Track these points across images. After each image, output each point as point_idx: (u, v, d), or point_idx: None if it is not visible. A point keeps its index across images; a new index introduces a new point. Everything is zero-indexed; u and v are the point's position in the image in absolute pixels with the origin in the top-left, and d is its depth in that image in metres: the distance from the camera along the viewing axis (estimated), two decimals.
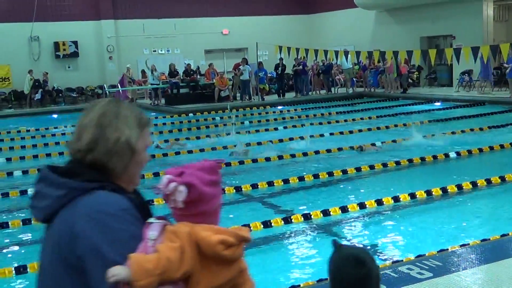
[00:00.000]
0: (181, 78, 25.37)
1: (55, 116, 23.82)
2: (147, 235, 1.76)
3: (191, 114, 20.91)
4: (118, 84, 25.95)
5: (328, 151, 12.47)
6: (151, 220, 1.82)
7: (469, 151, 11.55)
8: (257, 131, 16.48)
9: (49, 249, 1.83)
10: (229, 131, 15.79)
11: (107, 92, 26.68)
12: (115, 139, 1.85)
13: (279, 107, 22.55)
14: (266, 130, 16.65)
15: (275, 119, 19.24)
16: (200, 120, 19.76)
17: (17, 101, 26.88)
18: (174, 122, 19.92)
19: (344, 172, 10.35)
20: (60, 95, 27.60)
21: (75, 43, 28.22)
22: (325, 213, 7.78)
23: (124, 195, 1.84)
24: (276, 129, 16.76)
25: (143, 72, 26.78)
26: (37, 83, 26.26)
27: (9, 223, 7.99)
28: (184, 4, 30.05)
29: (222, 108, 21.39)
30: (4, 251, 7.27)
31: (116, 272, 1.64)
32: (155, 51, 29.91)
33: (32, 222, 7.92)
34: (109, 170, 1.86)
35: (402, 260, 5.61)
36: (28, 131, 18.55)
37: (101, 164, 1.84)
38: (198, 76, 26.42)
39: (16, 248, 7.35)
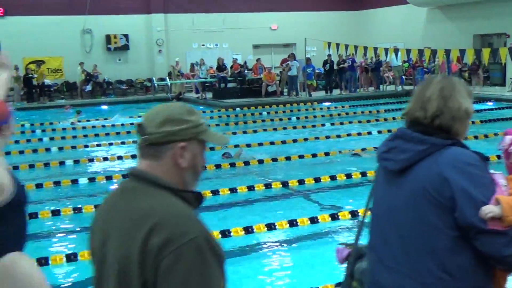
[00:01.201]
0: (229, 72, 25.48)
1: (104, 107, 24.24)
2: (499, 182, 2.22)
3: (238, 109, 20.99)
4: (167, 77, 26.26)
5: (376, 149, 12.31)
6: (491, 171, 2.26)
7: None
8: (304, 127, 16.42)
9: (406, 192, 2.25)
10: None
11: (155, 85, 27.05)
12: (457, 108, 2.28)
13: (326, 104, 22.40)
14: (313, 126, 16.59)
15: (322, 116, 19.14)
16: (247, 114, 19.81)
17: (69, 92, 27.51)
18: (221, 116, 20.03)
19: None
20: (110, 87, 28.11)
21: (126, 36, 28.67)
22: (353, 214, 7.70)
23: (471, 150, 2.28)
24: (323, 125, 16.67)
25: (191, 65, 27.02)
26: (88, 76, 26.82)
27: (61, 210, 8.18)
28: None
29: (269, 103, 21.44)
30: (56, 238, 7.45)
31: (491, 209, 2.09)
32: (203, 45, 30.12)
33: (83, 210, 8.12)
34: (452, 131, 2.30)
35: None
36: (79, 121, 18.94)
37: (447, 127, 2.29)
38: (246, 71, 26.48)
39: (66, 235, 7.52)
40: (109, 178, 10.27)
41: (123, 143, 14.14)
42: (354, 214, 7.56)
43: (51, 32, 26.91)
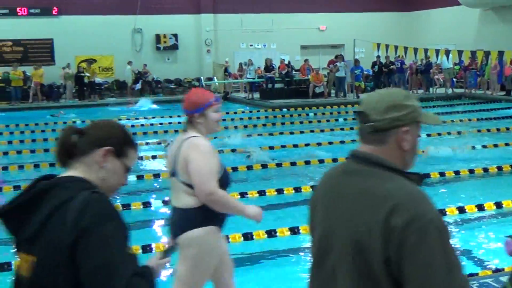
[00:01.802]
0: (277, 73, 25.47)
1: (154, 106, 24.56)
2: None
3: (284, 109, 20.95)
4: (214, 77, 26.45)
5: (423, 151, 12.12)
6: None
7: None
8: (351, 128, 16.25)
9: None
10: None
11: (203, 84, 27.24)
12: None
13: None
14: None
15: None
16: (294, 115, 19.75)
17: (119, 90, 27.99)
18: (267, 116, 20.04)
19: (442, 174, 10.03)
20: (159, 86, 28.49)
21: (175, 36, 29.00)
22: None
23: None
24: None
25: (239, 65, 27.13)
26: (138, 75, 27.30)
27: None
28: (282, 0, 30.14)
29: (316, 104, 21.35)
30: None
31: None
32: (251, 45, 30.21)
33: (131, 207, 8.24)
34: None
35: (503, 269, 5.37)
36: (128, 119, 19.25)
37: None
38: (293, 72, 26.44)
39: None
40: (156, 175, 10.38)
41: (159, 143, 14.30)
42: None
43: (103, 31, 27.45)
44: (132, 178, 10.30)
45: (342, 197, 1.99)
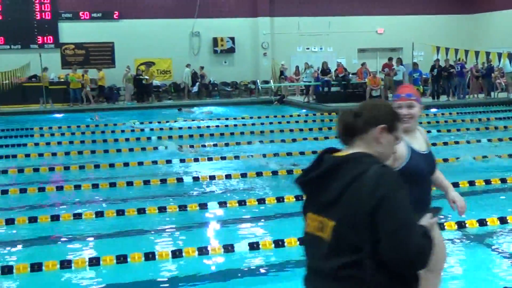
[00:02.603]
0: (333, 76, 25.31)
1: (208, 108, 24.80)
2: None
3: None
4: (271, 80, 26.48)
5: (485, 157, 11.81)
6: None
7: None
8: None
9: None
10: None
11: (259, 87, 27.34)
12: None
13: (433, 110, 21.69)
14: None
15: (428, 122, 18.55)
16: None
17: (176, 92, 28.40)
18: (324, 120, 19.92)
19: (503, 181, 9.72)
20: (216, 88, 28.76)
21: (232, 39, 29.21)
22: (481, 222, 7.35)
23: None
24: (429, 131, 16.14)
25: (296, 68, 27.10)
26: (197, 78, 27.71)
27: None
28: (339, 2, 29.97)
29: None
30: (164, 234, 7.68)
31: None
32: (308, 48, 30.13)
33: (187, 208, 8.34)
34: None
35: None
36: (185, 121, 19.52)
37: None
38: (350, 75, 26.22)
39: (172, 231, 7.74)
40: (212, 178, 10.48)
41: (226, 144, 14.40)
42: (482, 223, 7.26)
43: (162, 34, 27.93)
44: (188, 179, 10.45)
45: None
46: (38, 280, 5.91)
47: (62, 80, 25.97)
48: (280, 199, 8.70)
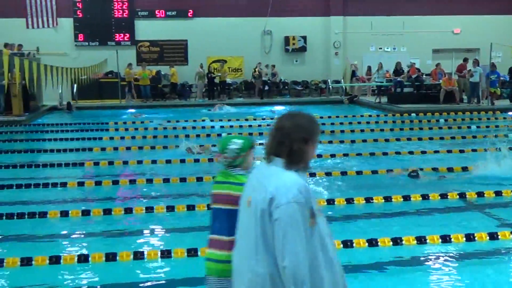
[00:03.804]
0: (406, 77, 24.82)
1: (277, 107, 24.82)
2: None
3: (413, 114, 20.35)
4: (342, 80, 26.27)
5: None
6: None
7: None
8: (484, 137, 15.47)
9: None
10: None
11: (330, 87, 27.16)
12: None
13: (511, 113, 20.95)
14: (495, 136, 15.56)
15: (506, 126, 17.91)
16: (423, 121, 19.13)
17: (247, 91, 28.60)
18: (395, 121, 19.59)
19: None
20: (286, 87, 28.78)
21: (304, 38, 29.15)
22: None
23: None
24: (506, 136, 15.59)
25: (368, 68, 26.77)
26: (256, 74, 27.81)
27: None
28: (414, 1, 29.36)
29: (447, 110, 20.59)
30: None
31: None
32: (381, 48, 29.69)
33: None
34: None
35: None
36: (254, 119, 19.63)
37: None
38: (424, 76, 25.65)
39: None
40: None
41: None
42: None
43: (234, 33, 28.20)
44: None
45: None
46: (113, 270, 6.10)
47: (137, 76, 26.64)
48: (350, 201, 8.63)
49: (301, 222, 2.73)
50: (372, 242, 6.65)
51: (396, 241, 6.69)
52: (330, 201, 8.59)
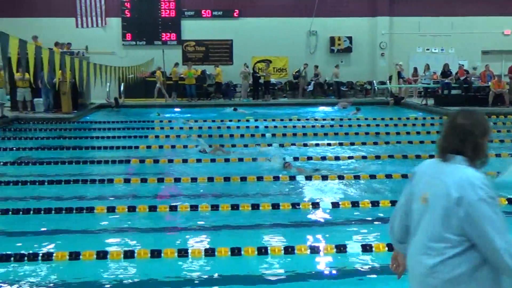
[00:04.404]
0: (454, 79, 24.38)
1: (322, 108, 24.73)
2: None
3: None
4: (388, 81, 25.98)
5: None
6: None
7: None
8: None
9: None
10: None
11: (375, 88, 26.90)
12: None
13: None
14: None
15: None
16: None
17: (291, 91, 28.57)
18: (442, 123, 19.24)
19: None
20: (331, 88, 28.63)
21: (350, 38, 28.95)
22: None
23: None
24: None
25: (414, 70, 26.41)
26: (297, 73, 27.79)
27: (280, 204, 8.52)
28: (463, 2, 28.85)
29: (496, 113, 20.13)
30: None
31: None
32: (428, 49, 29.25)
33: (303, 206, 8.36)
34: None
35: None
36: (298, 120, 19.59)
37: None
38: (472, 78, 25.13)
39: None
40: (324, 178, 10.44)
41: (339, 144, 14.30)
42: None
43: (279, 33, 28.22)
44: (300, 178, 10.46)
45: None
46: (157, 266, 6.18)
47: (182, 76, 26.91)
48: (394, 203, 8.51)
49: (496, 215, 2.82)
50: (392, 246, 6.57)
51: None
52: (375, 203, 8.51)
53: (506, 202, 8.67)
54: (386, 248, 6.48)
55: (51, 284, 5.77)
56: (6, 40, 10.15)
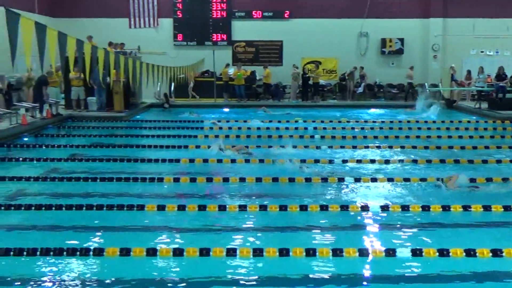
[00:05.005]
0: (509, 82, 23.73)
1: (372, 110, 24.45)
2: None
3: None
4: (440, 84, 25.48)
5: None
6: None
7: None
8: None
9: None
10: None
11: (427, 90, 26.42)
12: None
13: None
14: None
15: None
16: None
17: (340, 93, 28.35)
18: (496, 128, 18.82)
19: None
20: (381, 90, 28.30)
21: (401, 40, 28.56)
22: None
23: None
24: None
25: (468, 73, 25.87)
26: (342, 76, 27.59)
27: (328, 206, 8.48)
28: None
29: None
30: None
31: None
32: (482, 51, 28.59)
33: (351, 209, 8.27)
34: None
35: None
36: (348, 122, 19.45)
37: None
38: None
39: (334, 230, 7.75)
40: (374, 180, 10.33)
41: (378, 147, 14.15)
42: None
43: (329, 34, 28.08)
44: (350, 180, 10.36)
45: None
46: (206, 265, 6.23)
47: (232, 76, 27.06)
48: (446, 208, 8.38)
49: None
50: (470, 253, 6.42)
51: (496, 253, 6.43)
52: (425, 208, 8.38)
53: (502, 209, 8.43)
54: (437, 254, 6.38)
55: (102, 279, 5.89)
56: (64, 40, 10.42)
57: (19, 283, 5.79)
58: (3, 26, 8.08)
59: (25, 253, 6.38)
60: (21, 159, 12.34)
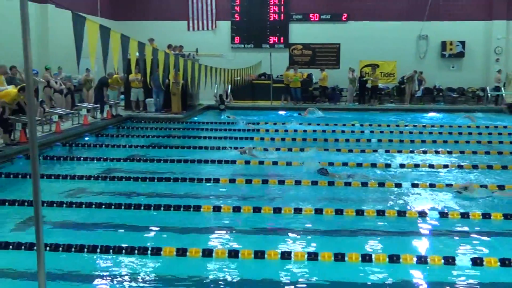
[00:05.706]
0: None
1: (431, 114, 23.97)
2: None
3: None
4: (503, 88, 24.76)
5: None
6: None
7: None
8: None
9: None
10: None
11: (489, 95, 25.76)
12: None
13: None
14: None
15: None
16: None
17: (399, 96, 27.91)
18: None
19: None
20: (441, 94, 27.73)
21: (462, 43, 27.92)
22: None
23: None
24: None
25: None
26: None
27: (385, 212, 8.37)
28: None
29: None
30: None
31: None
32: None
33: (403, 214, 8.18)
34: None
35: None
36: (406, 126, 19.13)
37: None
38: None
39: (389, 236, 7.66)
40: (432, 185, 10.15)
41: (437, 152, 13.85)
42: None
43: (388, 37, 27.71)
44: (406, 185, 10.21)
45: None
46: (260, 267, 6.25)
47: (289, 79, 27.02)
48: (508, 216, 8.14)
49: None
50: (505, 262, 6.25)
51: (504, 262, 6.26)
52: (486, 216, 8.16)
53: (502, 217, 8.10)
54: (499, 263, 6.21)
55: (158, 278, 5.99)
56: (127, 42, 10.66)
57: (79, 278, 5.96)
58: (69, 28, 8.32)
59: (85, 249, 6.56)
60: (82, 158, 12.71)
